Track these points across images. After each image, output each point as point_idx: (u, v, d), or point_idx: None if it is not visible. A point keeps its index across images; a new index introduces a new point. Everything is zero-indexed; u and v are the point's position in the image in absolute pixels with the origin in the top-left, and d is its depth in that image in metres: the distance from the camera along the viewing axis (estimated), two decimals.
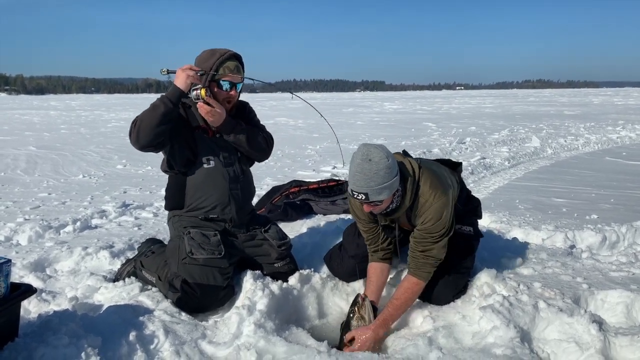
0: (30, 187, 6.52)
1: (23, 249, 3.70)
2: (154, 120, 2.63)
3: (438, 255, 2.64)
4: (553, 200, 5.46)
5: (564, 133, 13.54)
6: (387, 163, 2.42)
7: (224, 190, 2.94)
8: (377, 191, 2.42)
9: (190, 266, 2.76)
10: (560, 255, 3.38)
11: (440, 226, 2.59)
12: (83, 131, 15.55)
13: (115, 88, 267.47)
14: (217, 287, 2.76)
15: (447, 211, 2.59)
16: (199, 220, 2.95)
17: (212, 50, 2.88)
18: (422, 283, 2.65)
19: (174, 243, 2.93)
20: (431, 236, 2.61)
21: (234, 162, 3.01)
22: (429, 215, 2.58)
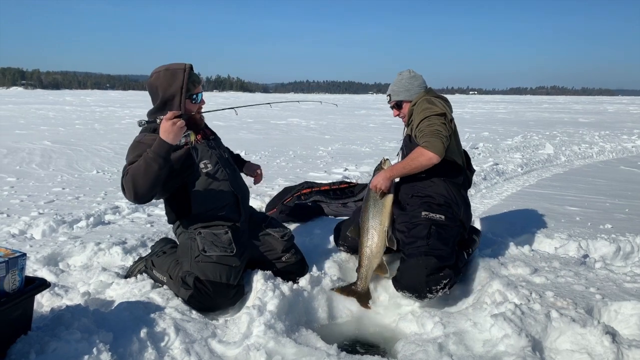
0: (44, 181, 6.58)
1: (37, 243, 3.73)
2: (149, 180, 2.54)
3: (433, 127, 3.00)
4: (566, 208, 5.41)
5: (578, 141, 13.42)
6: (409, 76, 3.36)
7: (227, 188, 2.99)
8: (396, 92, 3.37)
9: (204, 264, 2.78)
10: (573, 265, 3.35)
11: (426, 110, 3.09)
12: (97, 127, 15.65)
13: (130, 85, 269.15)
14: (229, 285, 2.77)
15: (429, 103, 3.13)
16: (207, 220, 2.97)
17: (169, 71, 2.84)
18: (421, 150, 2.97)
19: (185, 244, 2.94)
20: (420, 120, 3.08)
21: (227, 160, 3.11)
22: (417, 109, 3.17)
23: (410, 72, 3.39)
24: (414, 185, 3.23)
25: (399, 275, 2.93)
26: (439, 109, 3.09)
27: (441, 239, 2.99)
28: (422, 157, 2.98)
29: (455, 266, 2.99)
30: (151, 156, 2.52)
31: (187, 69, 2.84)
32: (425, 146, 2.96)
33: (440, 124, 3.03)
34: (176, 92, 2.82)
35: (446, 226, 3.08)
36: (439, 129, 3.00)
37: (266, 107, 3.36)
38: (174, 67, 2.85)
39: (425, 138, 2.98)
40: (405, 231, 3.09)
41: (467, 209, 3.33)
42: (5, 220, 4.43)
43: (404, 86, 3.34)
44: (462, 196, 3.29)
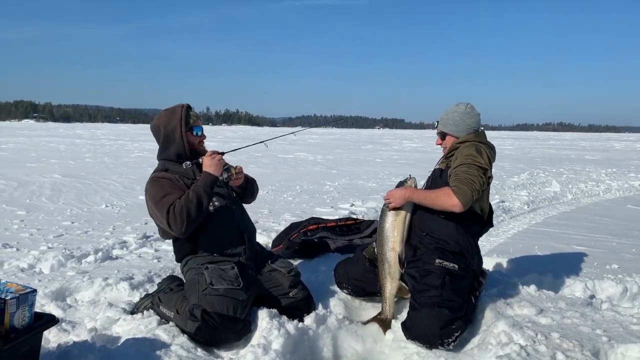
0: (54, 215, 6.66)
1: (45, 277, 3.77)
2: (200, 211, 2.86)
3: (470, 175, 2.95)
4: (573, 247, 5.40)
5: (585, 178, 13.42)
6: (464, 112, 3.27)
7: (234, 226, 3.11)
8: (445, 122, 3.31)
9: (211, 296, 2.81)
10: (579, 305, 3.34)
11: (471, 157, 3.03)
12: (107, 160, 15.85)
13: (140, 118, 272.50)
14: (236, 318, 2.79)
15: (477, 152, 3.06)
16: (214, 257, 3.04)
17: (168, 110, 3.14)
18: (449, 191, 2.94)
19: (192, 280, 2.99)
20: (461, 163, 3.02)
21: (234, 199, 3.24)
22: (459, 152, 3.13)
23: (466, 107, 3.29)
24: (430, 224, 3.17)
25: (409, 323, 2.89)
26: (483, 163, 3.03)
27: (454, 289, 2.97)
28: (446, 199, 2.95)
29: (465, 316, 2.98)
30: (202, 189, 2.87)
31: (184, 106, 3.11)
32: (454, 190, 2.92)
33: (477, 175, 2.98)
34: (176, 126, 3.05)
35: (459, 276, 3.05)
36: (473, 180, 2.95)
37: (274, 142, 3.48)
38: (173, 107, 3.14)
39: (458, 183, 2.94)
40: (417, 277, 3.06)
41: (480, 259, 3.33)
42: (14, 254, 4.48)
43: (454, 120, 3.26)
44: (476, 245, 3.28)
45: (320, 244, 4.83)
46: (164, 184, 2.97)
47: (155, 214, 2.96)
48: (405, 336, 2.91)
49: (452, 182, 2.98)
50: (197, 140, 3.14)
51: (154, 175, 3.08)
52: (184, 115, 3.07)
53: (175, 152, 3.08)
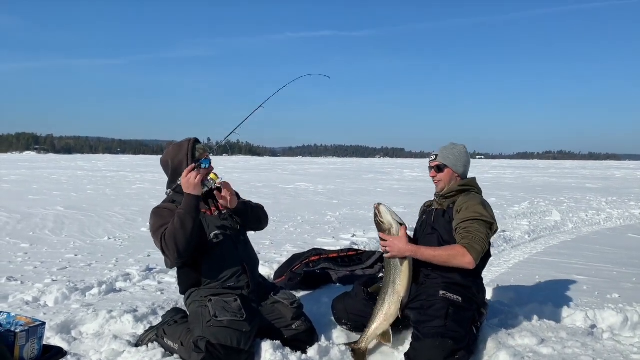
0: (57, 247, 6.70)
1: (50, 310, 3.80)
2: (186, 234, 2.87)
3: (480, 233, 3.04)
4: (574, 277, 5.43)
5: (586, 207, 13.47)
6: (463, 151, 3.41)
7: (237, 259, 3.17)
8: (446, 156, 3.37)
9: (215, 328, 2.85)
10: (580, 335, 3.36)
11: (478, 211, 3.12)
12: (109, 192, 15.93)
13: (141, 149, 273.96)
14: (240, 350, 2.83)
15: (483, 207, 3.15)
16: (217, 290, 3.10)
17: (175, 145, 3.27)
18: (463, 250, 3.00)
19: (196, 313, 3.03)
20: (469, 218, 3.09)
21: (239, 232, 3.29)
22: (465, 204, 3.19)
23: (465, 148, 3.45)
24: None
25: (413, 354, 2.92)
26: (490, 218, 3.14)
27: (457, 320, 3.00)
28: (460, 258, 3.02)
29: (467, 347, 3.01)
30: (183, 212, 2.86)
31: (191, 140, 3.21)
32: (468, 249, 3.00)
33: (486, 232, 3.09)
34: (183, 159, 3.15)
35: (463, 308, 3.10)
36: (483, 238, 3.06)
37: (275, 172, 3.51)
38: (179, 142, 3.25)
39: (470, 241, 3.03)
40: (421, 308, 3.11)
41: (484, 292, 3.39)
42: (19, 287, 4.52)
43: (455, 156, 3.38)
44: (480, 279, 3.35)
45: (322, 275, 4.86)
46: (164, 214, 3.06)
47: (155, 243, 3.04)
48: None
49: (463, 240, 3.06)
50: (204, 172, 3.18)
51: (157, 206, 3.19)
52: (190, 148, 3.17)
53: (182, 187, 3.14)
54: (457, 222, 3.16)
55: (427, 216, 3.47)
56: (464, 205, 3.20)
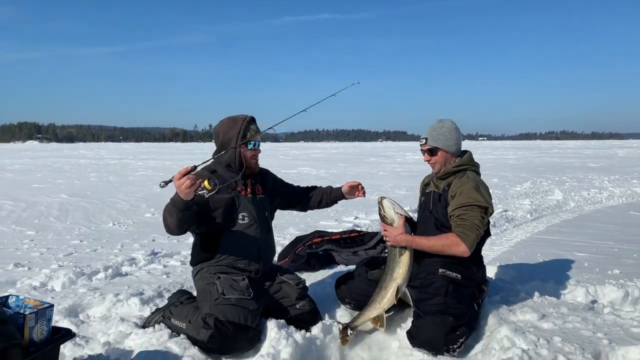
0: (62, 234, 6.76)
1: (58, 295, 3.85)
2: (172, 223, 2.86)
3: (473, 220, 3.04)
4: (575, 254, 5.46)
5: (588, 186, 13.47)
6: (453, 128, 3.34)
7: (255, 244, 3.21)
8: (436, 138, 3.32)
9: (223, 306, 2.92)
10: (581, 310, 3.40)
11: (472, 196, 3.10)
12: (112, 179, 15.99)
13: (143, 137, 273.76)
14: (247, 327, 2.90)
15: (477, 191, 3.12)
16: (227, 268, 3.15)
17: (232, 119, 3.24)
18: (457, 239, 3.03)
19: (204, 290, 3.09)
20: (463, 204, 3.10)
21: (265, 219, 3.30)
22: (459, 188, 3.17)
23: (453, 123, 3.39)
24: None
25: (414, 331, 2.97)
26: (485, 202, 3.13)
27: (457, 297, 3.05)
28: (454, 247, 3.05)
29: (469, 323, 3.05)
30: (170, 206, 2.80)
31: (247, 119, 3.20)
32: (461, 237, 3.02)
33: (480, 218, 3.08)
34: (233, 137, 3.16)
35: (462, 285, 3.14)
36: (477, 225, 3.06)
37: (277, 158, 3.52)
38: (236, 117, 3.24)
39: (464, 229, 3.05)
40: (421, 287, 3.15)
41: (484, 270, 3.42)
42: (26, 273, 4.58)
43: (445, 135, 3.33)
44: (479, 257, 3.38)
45: (325, 257, 4.92)
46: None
47: None
48: (411, 344, 2.98)
49: (457, 228, 3.08)
50: (250, 154, 3.22)
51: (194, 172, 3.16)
52: (243, 128, 3.17)
53: (226, 160, 3.20)
54: (452, 208, 3.17)
55: (425, 199, 3.49)
56: (459, 190, 3.20)
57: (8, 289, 4.01)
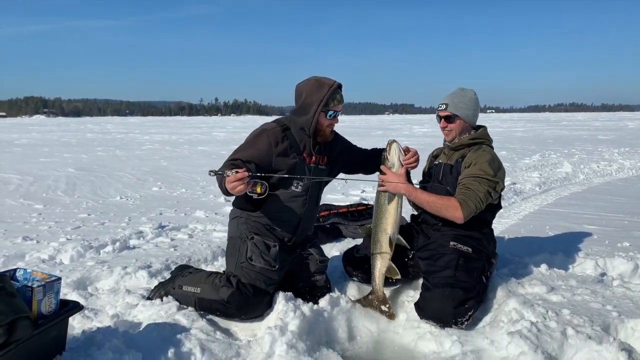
0: (70, 207, 6.78)
1: (66, 268, 3.87)
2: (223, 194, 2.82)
3: (478, 192, 3.00)
4: (584, 226, 5.42)
5: (597, 158, 13.34)
6: (474, 98, 3.28)
7: (297, 216, 3.18)
8: (456, 105, 3.23)
9: (247, 270, 3.00)
10: (590, 283, 3.38)
11: (484, 169, 3.05)
12: (119, 153, 16.00)
13: (149, 111, 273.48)
14: (266, 292, 3.00)
15: (490, 165, 3.07)
16: (263, 228, 3.14)
17: (318, 81, 3.05)
18: (456, 204, 2.99)
19: (235, 243, 3.13)
20: (472, 175, 3.06)
21: (317, 193, 3.27)
22: (474, 160, 3.13)
23: (475, 94, 3.33)
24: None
25: (422, 303, 2.97)
26: (494, 177, 3.08)
27: (467, 271, 3.03)
28: (452, 211, 3.01)
29: (477, 296, 3.04)
30: (223, 185, 2.70)
31: (334, 86, 3.03)
32: (461, 204, 2.99)
33: (485, 192, 3.03)
34: (315, 102, 3.01)
35: (473, 259, 3.12)
36: (481, 198, 3.02)
37: None
38: (324, 80, 3.06)
39: (466, 198, 3.01)
40: (430, 259, 3.14)
41: (495, 243, 3.39)
42: (35, 246, 4.59)
43: (466, 104, 3.26)
44: (490, 230, 3.35)
45: (333, 230, 4.91)
46: (258, 142, 3.01)
47: None
48: (419, 316, 2.98)
49: (460, 195, 3.03)
50: (326, 122, 3.10)
51: (268, 127, 3.09)
52: (328, 95, 3.00)
53: (301, 123, 3.07)
54: (462, 177, 3.14)
55: (434, 170, 3.43)
56: (473, 161, 3.15)
57: (17, 262, 4.03)
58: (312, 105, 3.01)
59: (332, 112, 3.07)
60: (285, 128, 3.11)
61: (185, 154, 15.87)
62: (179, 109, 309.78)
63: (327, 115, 3.06)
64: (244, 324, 3.00)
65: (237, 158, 2.93)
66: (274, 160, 3.00)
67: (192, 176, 10.26)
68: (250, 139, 3.07)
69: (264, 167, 2.96)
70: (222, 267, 3.80)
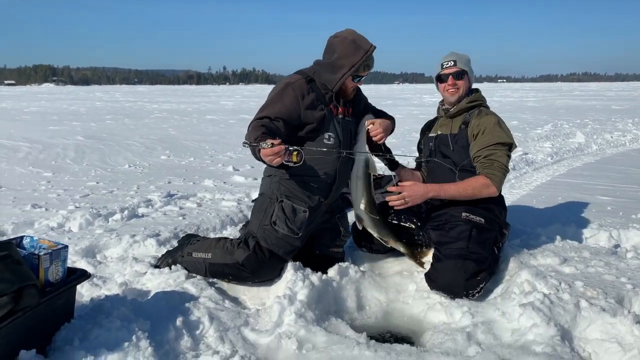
0: (79, 175, 6.78)
1: (75, 236, 3.87)
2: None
3: (501, 159, 2.97)
4: (597, 198, 5.34)
5: (611, 128, 13.13)
6: (469, 60, 3.22)
7: (333, 167, 3.05)
8: (464, 62, 3.19)
9: (269, 233, 2.96)
10: (603, 255, 3.33)
11: (496, 134, 3.02)
12: (127, 122, 15.96)
13: (157, 79, 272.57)
14: (282, 259, 2.97)
15: (500, 127, 3.04)
16: (296, 188, 3.02)
17: (355, 42, 2.89)
18: (487, 181, 2.97)
19: (263, 202, 3.06)
20: (489, 144, 3.01)
21: (349, 143, 3.11)
22: (482, 126, 3.07)
23: (467, 56, 3.31)
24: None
25: (434, 275, 2.94)
26: (509, 138, 3.06)
27: (480, 242, 2.99)
28: (486, 189, 2.98)
29: (489, 268, 3.00)
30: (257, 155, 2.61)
31: (369, 51, 2.90)
32: (492, 179, 2.96)
33: (506, 156, 3.01)
34: (346, 65, 2.88)
35: (486, 229, 3.07)
36: (504, 164, 2.99)
37: None
38: (360, 43, 2.90)
39: (493, 170, 2.98)
40: (442, 229, 3.10)
41: (506, 213, 3.33)
42: (44, 213, 4.60)
43: (469, 62, 3.25)
44: (501, 199, 3.27)
45: (343, 199, 4.85)
46: (284, 96, 2.88)
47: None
48: (430, 287, 2.95)
49: (486, 170, 2.99)
50: (351, 85, 3.01)
51: (293, 80, 2.95)
52: (362, 61, 2.88)
53: (326, 79, 2.95)
54: (477, 148, 3.07)
55: (434, 144, 3.35)
56: (481, 128, 3.09)
57: (26, 230, 4.03)
58: (343, 68, 2.89)
59: (359, 78, 2.99)
60: (309, 80, 2.97)
61: (193, 123, 15.82)
62: (187, 77, 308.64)
63: (354, 79, 2.98)
64: (253, 293, 2.99)
65: (264, 116, 2.82)
66: (302, 114, 2.88)
67: (201, 145, 10.23)
68: (276, 94, 2.92)
69: (292, 122, 2.88)
70: (231, 236, 3.78)
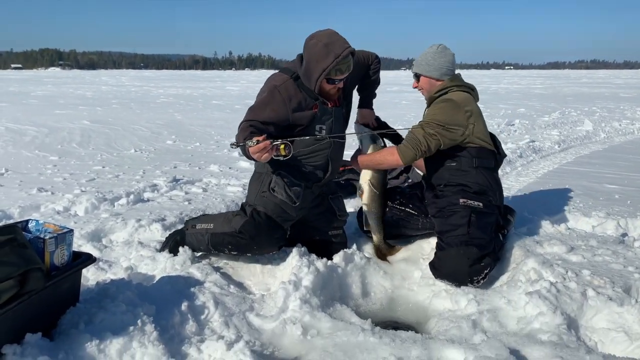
0: (85, 160, 6.79)
1: (80, 220, 3.87)
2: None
3: (417, 134, 3.02)
4: (605, 186, 5.30)
5: (619, 116, 13.01)
6: (432, 52, 3.21)
7: (326, 158, 3.08)
8: (418, 64, 3.26)
9: (267, 200, 2.95)
10: (611, 243, 3.31)
11: (430, 114, 3.06)
12: (133, 106, 15.94)
13: (164, 64, 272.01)
14: (280, 227, 2.95)
15: (442, 111, 3.03)
16: (292, 170, 3.02)
17: (326, 47, 2.73)
18: (393, 149, 3.12)
19: (260, 175, 3.06)
20: (420, 122, 3.08)
21: (340, 129, 3.10)
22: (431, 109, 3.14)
23: (438, 47, 3.21)
24: (444, 174, 3.15)
25: (437, 263, 2.94)
26: (442, 118, 2.99)
27: (481, 227, 2.97)
28: (389, 157, 3.13)
29: (493, 253, 2.98)
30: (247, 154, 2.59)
31: (340, 56, 2.72)
32: (400, 148, 3.06)
33: (428, 135, 2.98)
34: (316, 71, 2.77)
35: (485, 213, 3.04)
36: (421, 141, 2.98)
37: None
38: (332, 47, 2.74)
39: (406, 142, 3.06)
40: (442, 217, 3.08)
41: (501, 192, 3.29)
42: (50, 197, 4.61)
43: (427, 60, 3.21)
44: (495, 180, 3.22)
45: (347, 186, 4.85)
46: (271, 101, 2.81)
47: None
48: (434, 276, 2.94)
49: (402, 142, 3.12)
50: (328, 87, 2.90)
51: (278, 83, 2.87)
52: (332, 67, 2.73)
53: (306, 82, 2.87)
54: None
55: None
56: (427, 112, 3.17)
57: (32, 213, 4.04)
58: (314, 74, 2.79)
59: (336, 81, 2.86)
60: (296, 77, 2.90)
61: (199, 108, 15.78)
62: (193, 62, 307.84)
63: (329, 82, 2.85)
64: (258, 279, 2.99)
65: (253, 119, 2.77)
66: (290, 117, 2.84)
67: (207, 130, 10.21)
68: (263, 97, 2.86)
69: (282, 125, 2.84)
70: None
